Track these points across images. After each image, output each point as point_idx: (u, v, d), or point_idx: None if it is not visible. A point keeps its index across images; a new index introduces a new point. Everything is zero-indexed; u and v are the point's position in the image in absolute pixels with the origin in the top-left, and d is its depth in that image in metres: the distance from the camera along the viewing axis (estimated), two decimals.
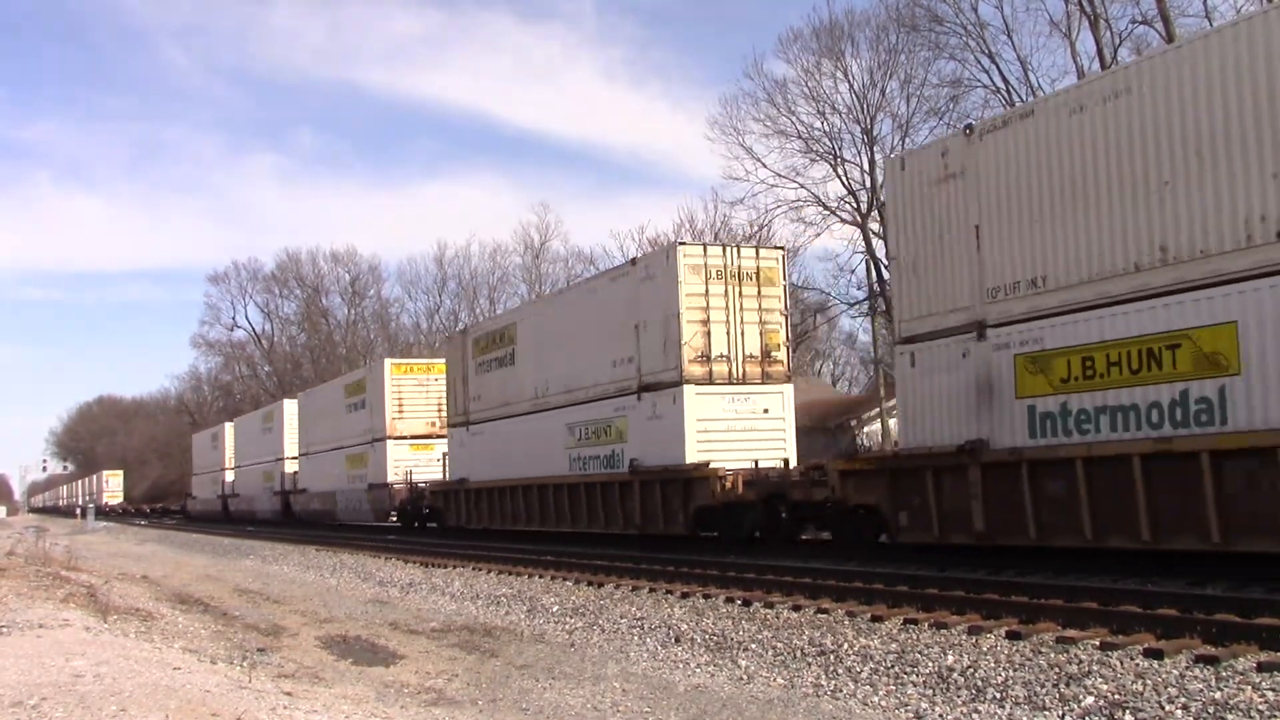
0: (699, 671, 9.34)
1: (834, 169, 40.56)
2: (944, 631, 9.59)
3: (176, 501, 71.76)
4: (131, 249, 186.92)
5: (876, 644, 9.30)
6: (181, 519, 62.92)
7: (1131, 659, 7.95)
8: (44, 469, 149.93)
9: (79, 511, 74.28)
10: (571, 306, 22.81)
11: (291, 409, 43.24)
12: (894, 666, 8.55)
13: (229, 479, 53.58)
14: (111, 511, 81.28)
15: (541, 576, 16.22)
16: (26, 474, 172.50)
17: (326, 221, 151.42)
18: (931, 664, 8.44)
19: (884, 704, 7.78)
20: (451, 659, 10.77)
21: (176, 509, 69.81)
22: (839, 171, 41.23)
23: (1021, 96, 33.26)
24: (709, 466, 17.75)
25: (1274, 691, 6.85)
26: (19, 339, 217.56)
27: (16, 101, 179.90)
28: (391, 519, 33.39)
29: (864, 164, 41.13)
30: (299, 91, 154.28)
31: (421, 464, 31.48)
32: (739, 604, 12.03)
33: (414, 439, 32.22)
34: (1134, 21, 32.15)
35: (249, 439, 50.29)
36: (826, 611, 10.96)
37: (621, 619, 11.90)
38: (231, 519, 51.29)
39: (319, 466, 38.73)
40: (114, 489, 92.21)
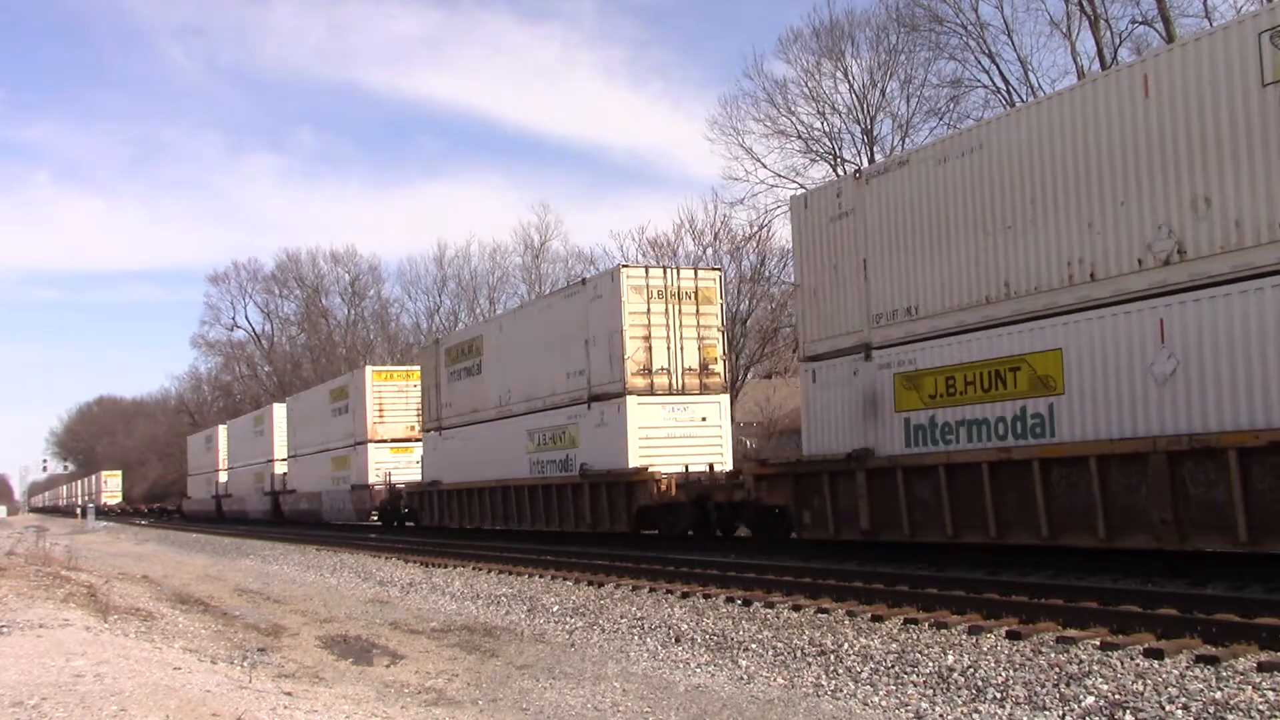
0: (699, 671, 9.32)
1: (834, 169, 39.96)
2: (944, 631, 9.60)
3: (175, 501, 72.33)
4: (131, 249, 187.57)
5: (877, 644, 9.30)
6: (177, 519, 63.56)
7: (1132, 659, 7.91)
8: (44, 469, 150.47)
9: (79, 511, 74.65)
10: (531, 321, 24.43)
11: (281, 412, 44.93)
12: (894, 666, 8.54)
13: (222, 480, 54.77)
14: (110, 511, 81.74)
15: (541, 576, 16.32)
16: (26, 474, 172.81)
17: (326, 221, 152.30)
18: (932, 664, 8.41)
19: (884, 704, 7.76)
20: (452, 659, 10.78)
21: (173, 509, 70.48)
22: (839, 172, 40.06)
23: (1021, 96, 33.08)
24: (647, 470, 19.29)
25: (1274, 691, 6.80)
26: (19, 339, 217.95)
27: (16, 101, 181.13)
28: (373, 519, 34.68)
29: (864, 164, 40.91)
30: (299, 91, 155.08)
31: (401, 466, 32.95)
32: (739, 604, 12.06)
33: (394, 442, 33.64)
34: (1134, 22, 32.05)
35: (241, 441, 51.70)
36: (826, 611, 11.02)
37: (621, 619, 11.91)
38: (225, 519, 52.60)
39: (306, 468, 40.10)
40: (112, 489, 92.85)
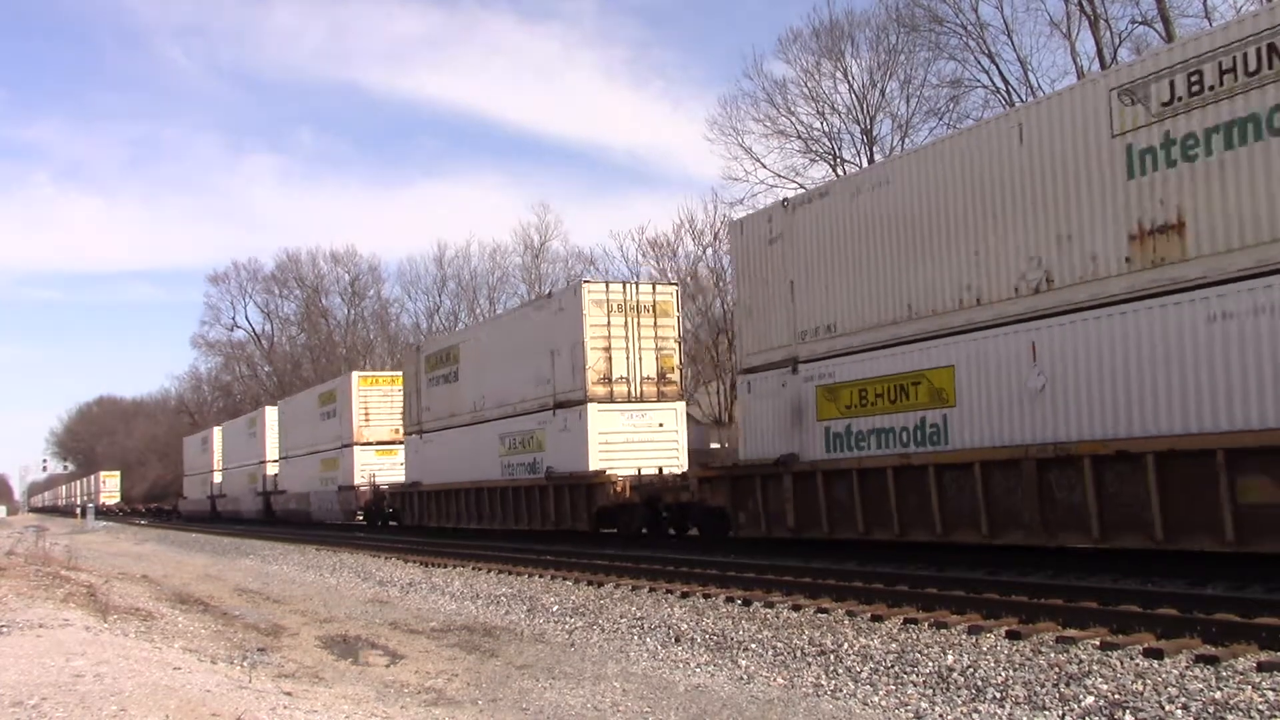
0: (699, 671, 9.32)
1: (834, 169, 39.86)
2: (944, 631, 9.65)
3: (173, 501, 72.58)
4: (131, 249, 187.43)
5: (876, 644, 9.31)
6: (175, 518, 64.21)
7: (1132, 659, 7.95)
8: (44, 469, 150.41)
9: (78, 511, 74.87)
10: (504, 331, 26.07)
11: (272, 415, 46.12)
12: (894, 666, 8.56)
13: (217, 480, 55.87)
14: (109, 511, 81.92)
15: (541, 576, 16.46)
16: (26, 474, 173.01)
17: (326, 221, 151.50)
18: (931, 664, 8.44)
19: (884, 704, 7.76)
20: (451, 659, 10.76)
21: (169, 509, 71.16)
22: (839, 172, 39.84)
23: (1021, 96, 33.18)
24: (605, 473, 20.68)
25: (1274, 691, 6.83)
26: (19, 339, 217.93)
27: (16, 101, 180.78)
28: (358, 518, 35.79)
29: (864, 164, 39.51)
30: (299, 91, 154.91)
31: (386, 468, 34.08)
32: (739, 604, 12.11)
33: (379, 445, 34.86)
34: (1134, 22, 31.90)
35: (235, 443, 52.85)
36: (826, 611, 11.08)
37: (621, 619, 11.92)
38: (219, 518, 53.58)
39: (296, 469, 41.34)
40: (111, 489, 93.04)
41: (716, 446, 26.55)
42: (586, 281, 22.81)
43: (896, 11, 37.84)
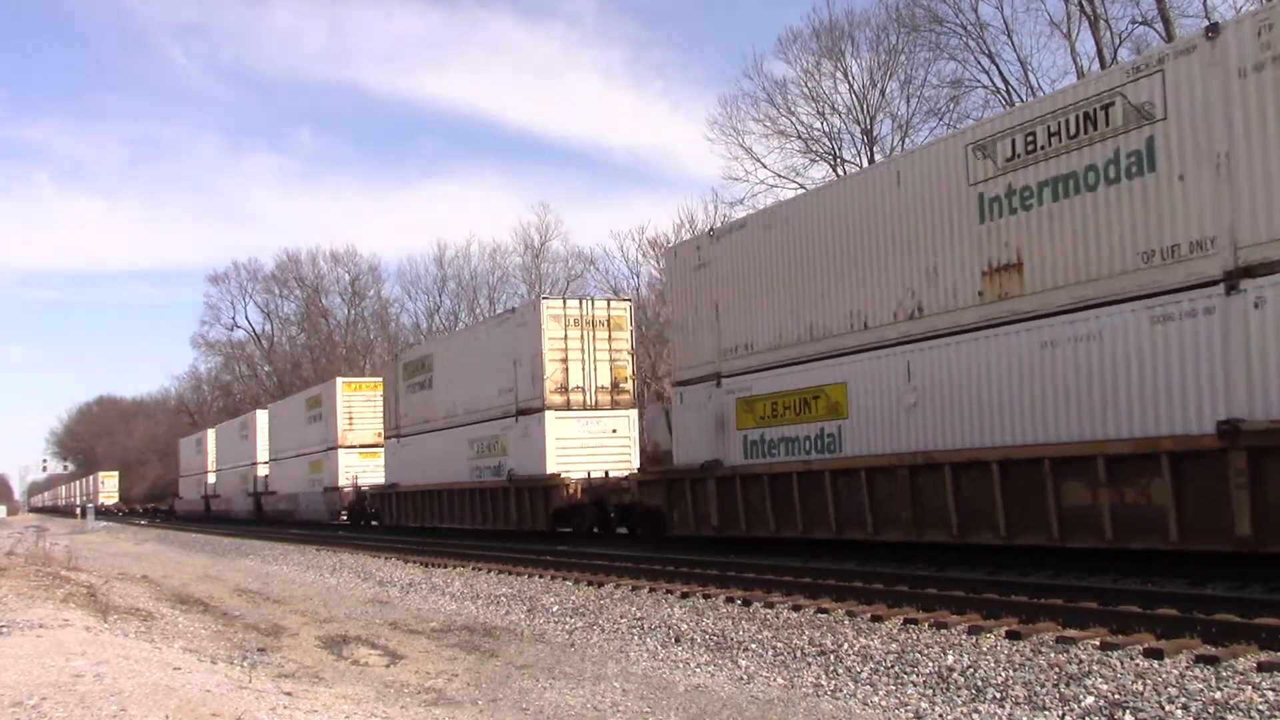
0: (699, 671, 9.37)
1: (834, 169, 39.76)
2: (944, 631, 9.70)
3: (170, 501, 73.34)
4: (131, 249, 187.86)
5: (876, 644, 9.37)
6: (172, 519, 65.17)
7: (1131, 659, 7.99)
8: (44, 469, 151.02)
9: (78, 511, 75.26)
10: (473, 343, 27.82)
11: (263, 418, 47.93)
12: (894, 666, 8.60)
13: (211, 481, 57.45)
14: (108, 512, 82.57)
15: (541, 576, 16.66)
16: (26, 474, 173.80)
17: (326, 221, 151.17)
18: (931, 664, 8.48)
19: (884, 704, 7.80)
20: (451, 659, 10.81)
21: (166, 509, 72.21)
22: (839, 172, 39.57)
23: (1021, 96, 32.85)
24: (560, 476, 22.51)
25: (1274, 691, 6.85)
26: (19, 339, 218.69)
27: (16, 101, 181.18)
28: (342, 518, 37.40)
29: (864, 164, 38.93)
30: (299, 91, 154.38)
31: (369, 470, 35.71)
32: (739, 604, 12.21)
33: (362, 448, 36.55)
34: (1134, 22, 31.59)
35: (228, 445, 54.52)
36: (826, 611, 11.18)
37: (621, 619, 12.00)
38: (213, 518, 55.17)
39: (285, 471, 43.12)
40: (109, 490, 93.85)
41: None
42: (545, 298, 24.63)
43: (896, 11, 37.81)
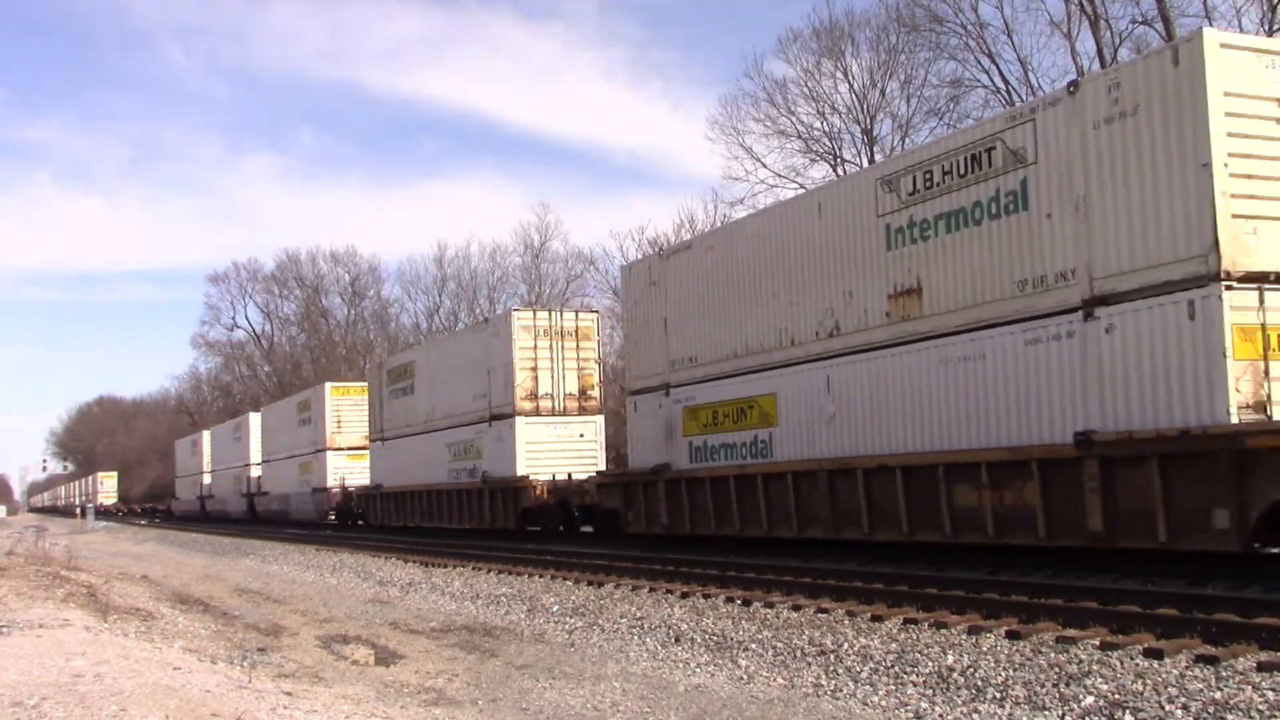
0: (699, 671, 9.38)
1: (834, 169, 39.88)
2: (944, 631, 9.72)
3: (168, 502, 74.17)
4: (131, 249, 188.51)
5: (876, 644, 9.38)
6: (168, 518, 66.11)
7: (1132, 659, 7.99)
8: (44, 469, 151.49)
9: (78, 511, 75.66)
10: (451, 351, 29.31)
11: (256, 421, 49.43)
12: (894, 666, 8.61)
13: (206, 481, 58.72)
14: (107, 512, 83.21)
15: (541, 576, 16.74)
16: (26, 474, 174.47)
17: (326, 221, 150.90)
18: (931, 664, 8.50)
19: (884, 704, 7.81)
20: (451, 659, 10.83)
21: (163, 509, 73.20)
22: (839, 172, 39.67)
23: (1021, 96, 32.95)
24: (529, 478, 23.96)
25: (1274, 691, 6.86)
26: (19, 339, 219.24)
27: (16, 101, 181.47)
28: (330, 517, 38.83)
29: (864, 164, 38.42)
30: (299, 91, 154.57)
31: (356, 471, 37.14)
32: (739, 604, 12.25)
33: (350, 450, 37.95)
34: (1134, 22, 31.57)
35: (222, 446, 55.85)
36: (826, 611, 11.22)
37: (621, 619, 12.04)
38: (208, 518, 56.52)
39: (277, 472, 44.58)
40: (108, 490, 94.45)
41: None
42: (516, 310, 26.08)
43: (897, 11, 38.02)
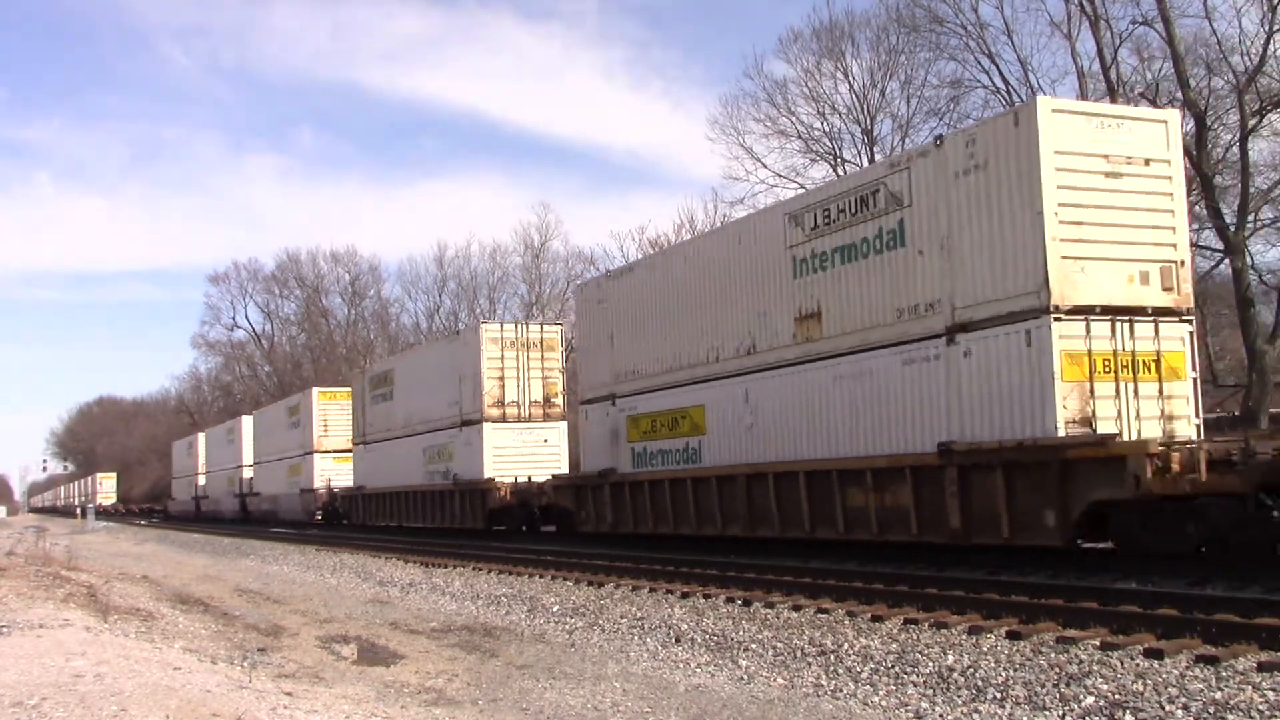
0: (699, 671, 9.40)
1: (834, 169, 39.89)
2: (944, 631, 9.72)
3: (165, 502, 75.25)
4: (131, 249, 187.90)
5: (877, 644, 9.39)
6: (164, 518, 67.38)
7: (1132, 659, 7.99)
8: (44, 469, 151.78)
9: (78, 511, 76.47)
10: (427, 360, 31.22)
11: (248, 424, 51.10)
12: (894, 666, 8.62)
13: (201, 482, 60.25)
14: (106, 512, 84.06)
15: (541, 576, 16.78)
16: (26, 474, 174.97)
17: (326, 221, 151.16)
18: (932, 664, 8.50)
19: (884, 704, 7.81)
20: (452, 659, 10.86)
21: (159, 509, 74.44)
22: (839, 172, 39.36)
23: (1021, 96, 33.15)
24: (494, 480, 25.73)
25: (1274, 691, 6.87)
26: (19, 339, 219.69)
27: (16, 101, 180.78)
28: (317, 517, 40.49)
29: (864, 165, 38.25)
30: (299, 91, 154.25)
31: (343, 473, 38.71)
32: (739, 604, 12.28)
33: (336, 452, 39.58)
34: (1134, 22, 31.35)
35: (216, 448, 57.53)
36: (827, 611, 11.23)
37: (622, 619, 12.08)
38: (202, 518, 58.07)
39: (268, 473, 46.38)
40: (107, 490, 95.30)
41: None
42: (485, 322, 27.94)
43: (897, 12, 38.11)
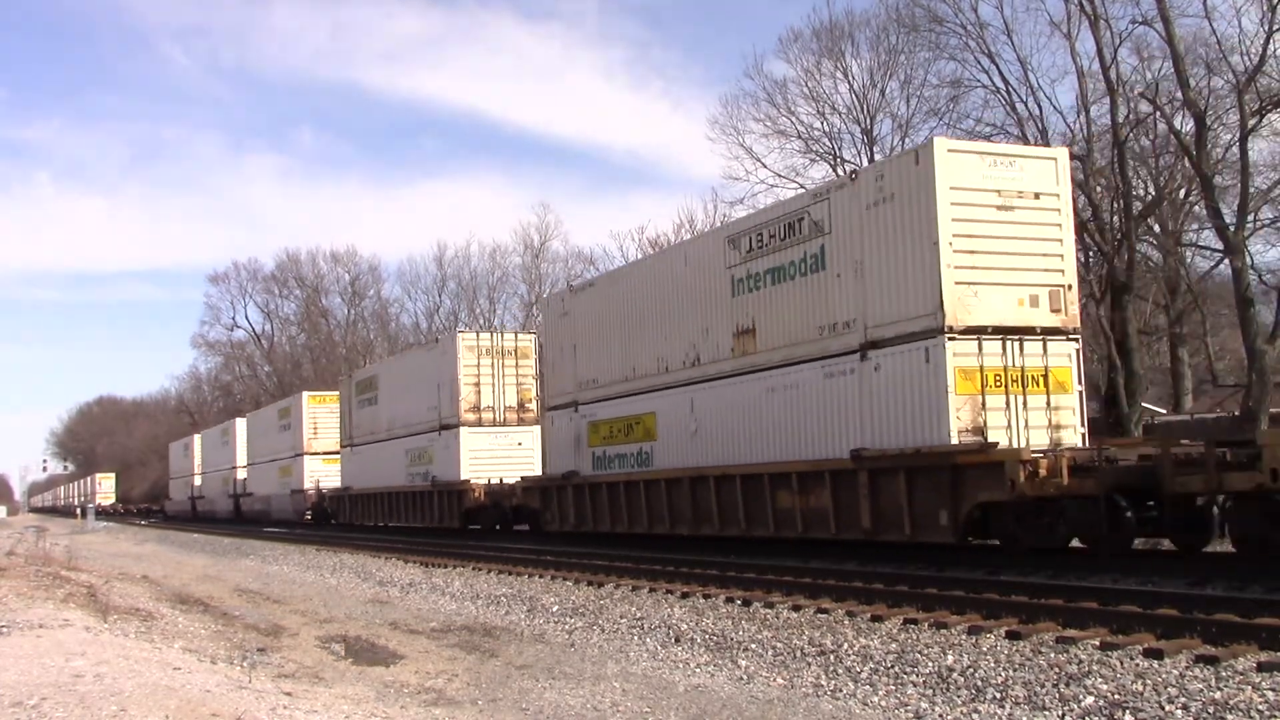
0: (699, 671, 9.41)
1: (834, 169, 39.24)
2: (944, 631, 9.73)
3: (163, 502, 76.34)
4: (131, 249, 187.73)
5: (876, 644, 9.40)
6: (164, 519, 68.30)
7: (1131, 659, 8.01)
8: (44, 469, 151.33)
9: (78, 511, 77.23)
10: (409, 366, 32.72)
11: (242, 426, 52.53)
12: (894, 666, 8.63)
13: (197, 483, 61.58)
14: (106, 512, 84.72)
15: (541, 576, 16.82)
16: (26, 474, 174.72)
17: (326, 221, 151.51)
18: (931, 664, 8.52)
19: (884, 704, 7.82)
20: (451, 659, 10.88)
21: (157, 509, 75.53)
22: (839, 172, 37.26)
23: (1021, 96, 33.49)
24: (470, 482, 27.27)
25: (1274, 691, 6.88)
26: (19, 339, 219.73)
27: (16, 101, 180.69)
28: (307, 517, 41.91)
29: (864, 165, 36.68)
30: (299, 91, 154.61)
31: (332, 474, 40.06)
32: (739, 604, 12.30)
33: (325, 454, 40.99)
34: (1134, 22, 30.76)
35: (212, 450, 58.86)
36: (826, 611, 11.23)
37: (621, 619, 12.10)
38: (199, 518, 59.34)
39: (261, 474, 47.81)
40: (106, 490, 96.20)
41: None
42: (461, 331, 29.63)
43: (896, 11, 37.63)
